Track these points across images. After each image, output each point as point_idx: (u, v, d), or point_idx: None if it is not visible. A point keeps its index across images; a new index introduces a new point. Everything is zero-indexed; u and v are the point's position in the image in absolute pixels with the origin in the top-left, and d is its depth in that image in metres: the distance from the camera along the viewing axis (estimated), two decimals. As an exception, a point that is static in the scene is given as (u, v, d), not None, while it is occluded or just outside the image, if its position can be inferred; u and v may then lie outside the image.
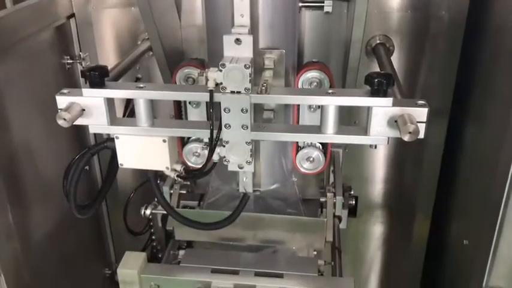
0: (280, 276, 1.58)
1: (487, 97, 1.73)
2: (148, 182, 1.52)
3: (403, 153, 2.20)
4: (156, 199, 1.81)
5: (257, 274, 1.59)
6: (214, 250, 1.85)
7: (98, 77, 1.28)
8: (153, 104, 1.36)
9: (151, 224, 2.12)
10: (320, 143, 1.50)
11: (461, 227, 1.96)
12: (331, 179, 1.88)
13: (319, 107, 1.45)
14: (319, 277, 1.63)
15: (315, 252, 1.87)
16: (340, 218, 1.80)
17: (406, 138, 1.17)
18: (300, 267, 1.63)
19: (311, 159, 1.49)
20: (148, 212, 1.83)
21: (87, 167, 2.08)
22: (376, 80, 1.19)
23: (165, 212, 1.80)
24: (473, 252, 1.57)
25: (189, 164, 1.53)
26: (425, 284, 2.32)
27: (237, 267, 1.62)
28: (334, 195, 1.75)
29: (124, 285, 1.61)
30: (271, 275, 1.58)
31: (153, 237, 2.16)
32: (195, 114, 1.57)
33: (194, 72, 1.55)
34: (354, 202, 1.86)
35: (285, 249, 1.84)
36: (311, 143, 1.49)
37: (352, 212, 1.89)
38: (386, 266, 2.52)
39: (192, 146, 1.52)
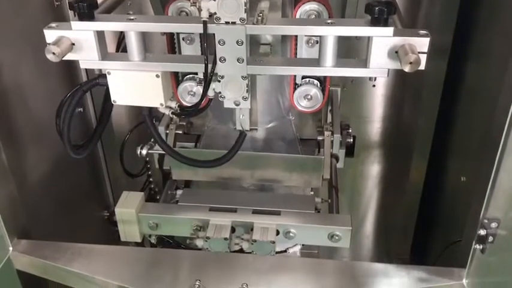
0: (277, 213, 1.58)
1: (490, 33, 1.68)
2: (144, 121, 1.49)
3: (402, 92, 2.17)
4: (152, 139, 1.79)
5: (254, 212, 1.60)
6: (212, 190, 1.85)
7: (86, 9, 1.23)
8: (145, 41, 1.31)
9: (149, 166, 2.12)
10: (318, 80, 1.47)
11: (458, 165, 1.97)
12: (329, 119, 1.86)
13: (317, 42, 1.41)
14: (316, 214, 1.64)
15: (312, 192, 1.88)
16: (337, 157, 1.79)
17: (406, 68, 1.14)
18: (297, 205, 1.64)
19: (309, 96, 1.46)
20: (144, 151, 1.81)
21: (81, 109, 2.05)
22: (376, 8, 1.15)
23: (161, 152, 1.79)
24: (470, 187, 1.58)
25: (184, 103, 1.50)
26: (421, 222, 2.35)
27: (235, 205, 1.63)
28: (332, 134, 1.74)
29: (122, 224, 1.62)
30: (268, 212, 1.59)
31: (151, 179, 2.17)
32: (189, 51, 1.52)
33: (187, 5, 1.48)
34: (351, 140, 1.85)
35: (282, 188, 1.84)
36: (309, 80, 1.46)
37: (350, 151, 1.88)
38: (383, 205, 2.56)
39: (186, 85, 1.48)
